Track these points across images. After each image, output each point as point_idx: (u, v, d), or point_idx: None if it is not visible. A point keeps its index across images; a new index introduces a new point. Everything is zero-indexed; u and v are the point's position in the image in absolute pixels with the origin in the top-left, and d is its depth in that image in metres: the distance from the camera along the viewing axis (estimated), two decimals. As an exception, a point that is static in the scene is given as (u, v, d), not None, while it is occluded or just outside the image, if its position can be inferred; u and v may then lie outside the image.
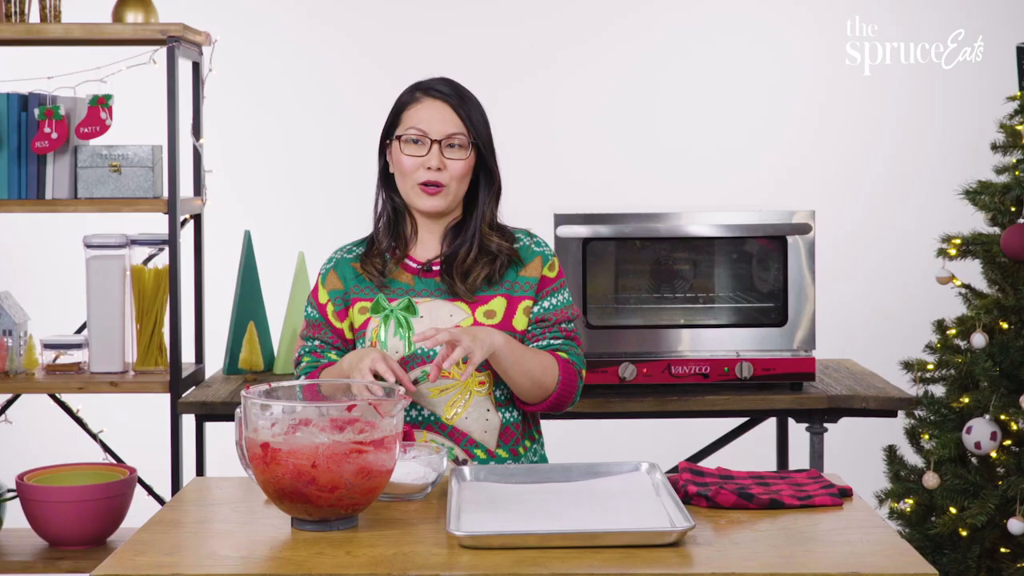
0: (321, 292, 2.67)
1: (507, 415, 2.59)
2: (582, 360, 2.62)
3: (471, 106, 2.60)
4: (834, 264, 4.62)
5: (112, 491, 3.54)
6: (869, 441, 4.05)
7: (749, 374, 3.51)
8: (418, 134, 2.56)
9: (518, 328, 2.59)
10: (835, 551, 1.98)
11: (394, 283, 2.61)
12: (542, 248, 2.65)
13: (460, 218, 2.65)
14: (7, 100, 3.64)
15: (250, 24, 4.89)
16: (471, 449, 2.55)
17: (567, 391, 2.57)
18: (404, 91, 2.64)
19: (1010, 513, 3.29)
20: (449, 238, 2.63)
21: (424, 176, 2.55)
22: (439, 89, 2.60)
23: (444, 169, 2.55)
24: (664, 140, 4.98)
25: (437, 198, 2.57)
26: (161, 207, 3.65)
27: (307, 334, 2.67)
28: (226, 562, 1.95)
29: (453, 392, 2.56)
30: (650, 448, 4.10)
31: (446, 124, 2.56)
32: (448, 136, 2.56)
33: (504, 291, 2.59)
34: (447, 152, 2.56)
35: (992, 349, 3.38)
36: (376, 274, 2.61)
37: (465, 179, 2.59)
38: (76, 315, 4.02)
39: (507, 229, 2.67)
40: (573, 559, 1.91)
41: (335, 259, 2.69)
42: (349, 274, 2.64)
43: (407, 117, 2.59)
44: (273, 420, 2.05)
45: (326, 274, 2.68)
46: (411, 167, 2.56)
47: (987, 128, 3.61)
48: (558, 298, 2.62)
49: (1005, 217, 3.45)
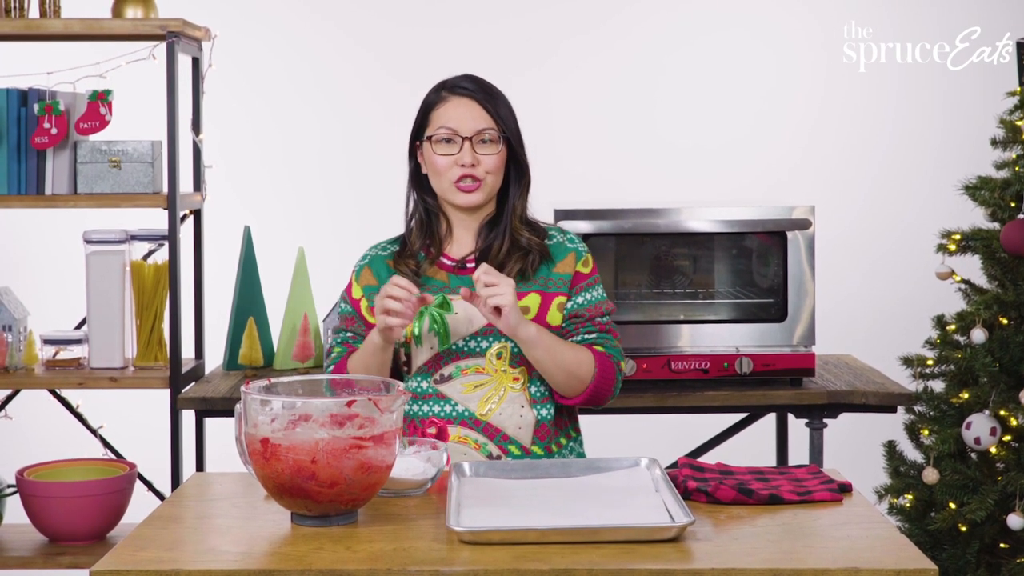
0: (355, 288, 2.68)
1: (542, 411, 2.59)
2: (620, 352, 2.63)
3: (498, 100, 2.62)
4: (834, 259, 4.61)
5: (112, 487, 3.55)
6: (869, 437, 4.04)
7: (749, 370, 3.51)
8: (448, 132, 2.58)
9: (552, 324, 2.60)
10: (835, 546, 1.98)
11: (429, 281, 2.63)
12: (575, 244, 2.66)
13: (493, 213, 2.66)
14: (6, 95, 3.64)
15: (250, 19, 4.88)
16: (505, 445, 2.56)
17: (604, 383, 2.57)
18: (430, 91, 2.66)
19: (1009, 509, 3.29)
20: (483, 234, 2.65)
21: (459, 173, 2.58)
22: (465, 86, 2.62)
23: (478, 164, 2.58)
24: (664, 135, 4.98)
25: (475, 194, 2.59)
26: (161, 203, 3.65)
27: (342, 327, 2.69)
28: (226, 557, 1.95)
29: (487, 388, 2.57)
30: (650, 443, 4.10)
31: (475, 120, 2.59)
32: (478, 132, 2.58)
33: (538, 287, 2.60)
34: (479, 148, 2.58)
35: (992, 345, 3.38)
36: (410, 274, 2.62)
37: (499, 172, 2.62)
38: (76, 311, 4.02)
39: (538, 225, 2.68)
40: (573, 554, 1.91)
41: (370, 256, 2.71)
42: (384, 271, 2.66)
43: (436, 117, 2.61)
44: (273, 416, 2.05)
45: (360, 270, 2.69)
46: (445, 166, 2.59)
47: (987, 124, 3.61)
48: (592, 293, 2.63)
49: (1005, 212, 3.45)
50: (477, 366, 2.56)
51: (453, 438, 2.54)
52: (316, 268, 3.97)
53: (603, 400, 2.61)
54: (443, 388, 2.58)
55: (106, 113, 3.66)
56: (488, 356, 2.57)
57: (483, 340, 2.57)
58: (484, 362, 2.57)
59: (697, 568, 1.87)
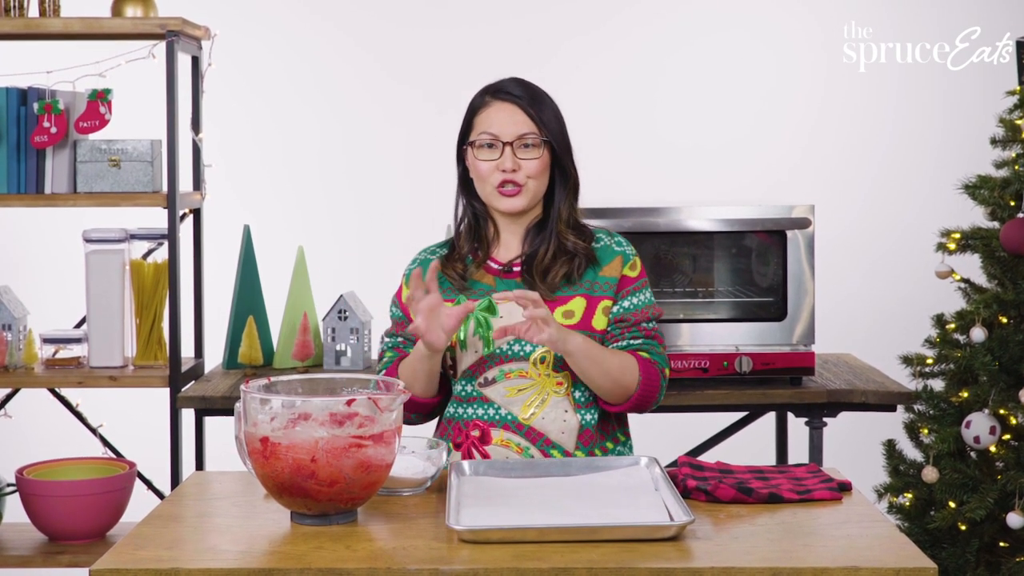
0: (404, 291, 2.67)
1: (586, 416, 2.58)
2: (665, 359, 2.61)
3: (541, 104, 2.62)
4: (833, 258, 4.61)
5: (112, 485, 3.55)
6: (868, 435, 4.05)
7: (748, 368, 3.51)
8: (490, 138, 2.58)
9: (597, 328, 2.58)
10: (834, 545, 1.98)
11: (476, 284, 2.62)
12: (623, 248, 2.65)
13: (540, 217, 2.66)
14: (6, 94, 3.64)
15: (249, 19, 4.88)
16: (547, 450, 2.54)
17: (649, 390, 2.56)
18: (475, 96, 2.67)
19: (1009, 507, 3.29)
20: (530, 238, 2.64)
21: (500, 178, 2.57)
22: (507, 91, 2.63)
23: (519, 170, 2.57)
24: (664, 136, 4.98)
25: (516, 198, 2.59)
26: (160, 201, 3.65)
27: (391, 331, 2.70)
28: (225, 556, 1.95)
29: (530, 392, 2.56)
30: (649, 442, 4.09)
31: (516, 125, 2.58)
32: (520, 137, 2.58)
33: (584, 291, 2.59)
34: (520, 152, 2.58)
35: (991, 343, 3.38)
36: (457, 278, 2.62)
37: (542, 177, 2.60)
38: (75, 309, 4.02)
39: (587, 228, 2.67)
40: (572, 553, 1.91)
41: (419, 259, 2.71)
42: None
43: (479, 122, 2.62)
44: (272, 414, 2.05)
45: (410, 273, 2.67)
46: (487, 171, 2.59)
47: (987, 123, 3.61)
48: (639, 298, 2.62)
49: (1004, 211, 3.45)
50: (520, 370, 2.55)
51: (496, 441, 2.53)
52: (315, 267, 3.97)
53: (648, 406, 2.59)
54: (487, 391, 2.57)
55: (106, 112, 3.66)
56: (532, 360, 2.56)
57: (527, 344, 2.56)
58: (527, 366, 2.56)
59: (697, 567, 1.87)
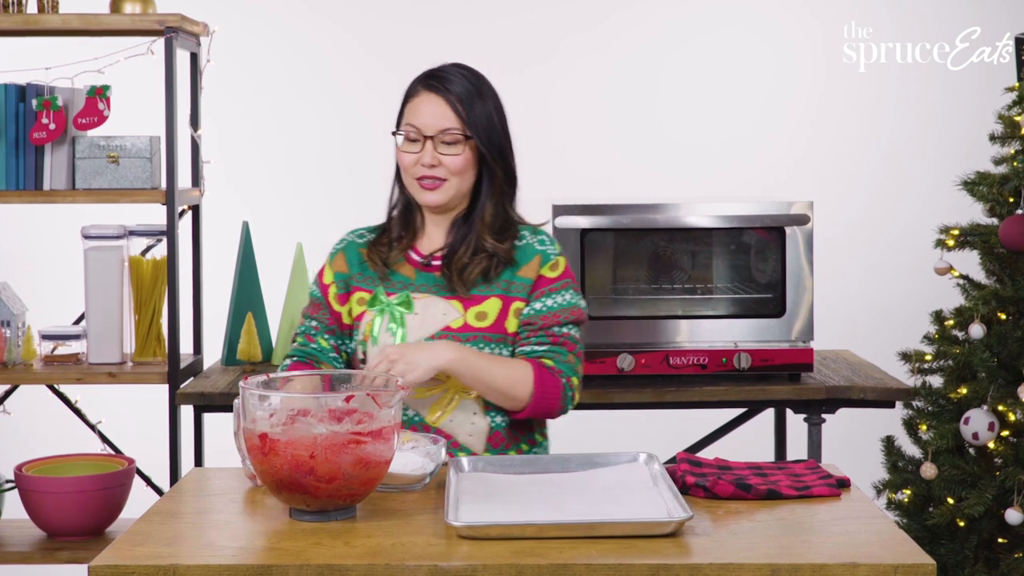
0: (327, 272, 2.66)
1: (496, 419, 2.56)
2: (572, 367, 2.54)
3: (471, 99, 2.55)
4: (832, 255, 4.62)
5: (110, 482, 3.54)
6: (867, 432, 4.05)
7: (747, 365, 3.51)
8: (413, 131, 2.55)
9: (510, 331, 2.55)
10: (833, 541, 1.98)
11: (395, 275, 2.60)
12: (544, 247, 2.60)
13: (466, 211, 2.62)
14: (5, 91, 3.64)
15: (248, 15, 4.88)
16: (455, 452, 2.52)
17: (545, 401, 2.51)
18: (414, 79, 2.62)
19: (1007, 503, 3.29)
20: (453, 232, 2.61)
21: (420, 172, 2.54)
22: (437, 83, 2.55)
23: (439, 165, 2.53)
24: (663, 132, 4.98)
25: (435, 193, 2.55)
26: (159, 198, 3.65)
27: (308, 312, 2.67)
28: (224, 552, 1.95)
29: (438, 394, 2.53)
30: (648, 439, 4.10)
31: (439, 119, 2.53)
32: (441, 132, 2.53)
33: (500, 292, 2.55)
34: (441, 148, 2.53)
35: (990, 340, 3.38)
36: (380, 263, 2.59)
37: (465, 173, 2.56)
38: (74, 306, 4.02)
39: (512, 227, 2.61)
40: (571, 549, 1.91)
41: (347, 241, 2.68)
42: (355, 259, 2.64)
43: (407, 111, 2.58)
44: (271, 411, 2.05)
45: (334, 255, 2.67)
46: (409, 163, 2.56)
47: (986, 123, 3.61)
48: (553, 300, 2.56)
49: (1003, 208, 3.45)
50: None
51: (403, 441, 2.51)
52: (314, 263, 3.96)
53: (550, 415, 2.55)
54: None
55: (104, 108, 3.65)
56: None
57: None
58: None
59: (695, 563, 1.87)
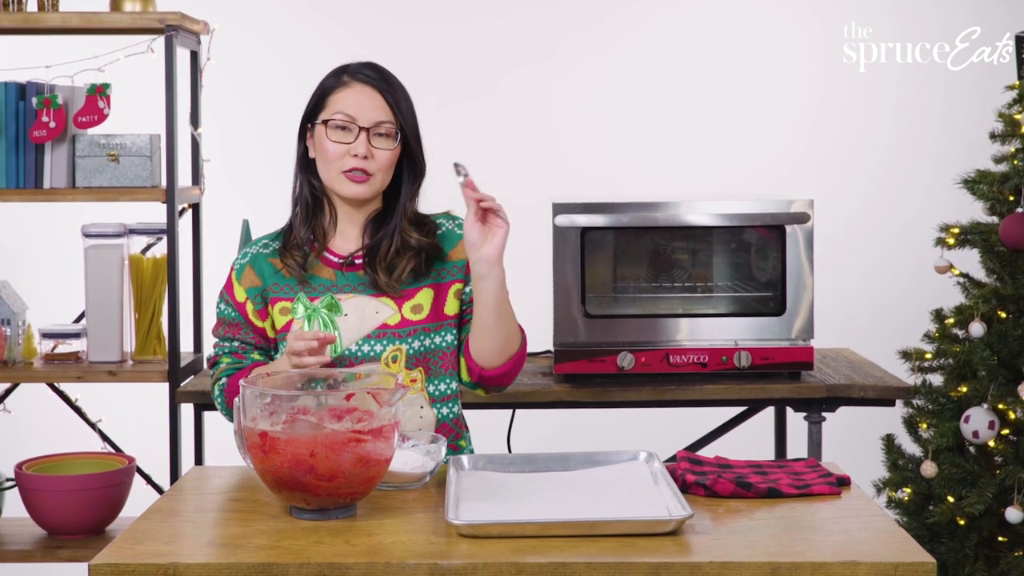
0: (238, 290, 2.56)
1: (443, 411, 2.54)
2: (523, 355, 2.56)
3: (399, 94, 2.52)
4: (832, 253, 4.61)
5: (111, 480, 3.55)
6: (867, 430, 4.05)
7: (747, 363, 3.51)
8: (345, 120, 2.48)
9: (450, 314, 2.53)
10: (833, 540, 1.98)
11: (315, 279, 2.52)
12: (457, 225, 2.58)
13: (380, 209, 2.56)
14: (5, 89, 3.64)
15: (248, 13, 4.88)
16: None
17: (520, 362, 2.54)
18: (329, 75, 2.56)
19: (1008, 502, 3.29)
20: (370, 230, 2.55)
21: (350, 164, 2.47)
22: (368, 74, 2.51)
23: (371, 158, 2.48)
24: (663, 130, 4.98)
25: (363, 186, 2.48)
26: (159, 196, 3.65)
27: (224, 334, 2.57)
28: (224, 551, 1.95)
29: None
30: (648, 437, 4.10)
31: (375, 111, 2.48)
32: (376, 124, 2.48)
33: (430, 281, 2.52)
34: (375, 140, 2.48)
35: (990, 338, 3.39)
36: (297, 267, 2.51)
37: (391, 169, 2.51)
38: (74, 304, 4.02)
39: (427, 220, 2.58)
40: (571, 547, 1.91)
41: (251, 254, 2.58)
42: (267, 271, 2.55)
43: (334, 101, 2.51)
44: (271, 409, 2.05)
45: (241, 270, 2.56)
46: (336, 153, 2.48)
47: (986, 123, 3.61)
48: None
49: (1003, 206, 3.45)
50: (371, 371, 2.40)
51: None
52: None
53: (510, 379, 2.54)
54: None
55: (104, 107, 3.65)
56: (383, 360, 2.48)
57: (376, 344, 2.48)
58: (379, 367, 2.47)
59: (695, 561, 1.87)
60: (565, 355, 3.50)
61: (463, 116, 4.81)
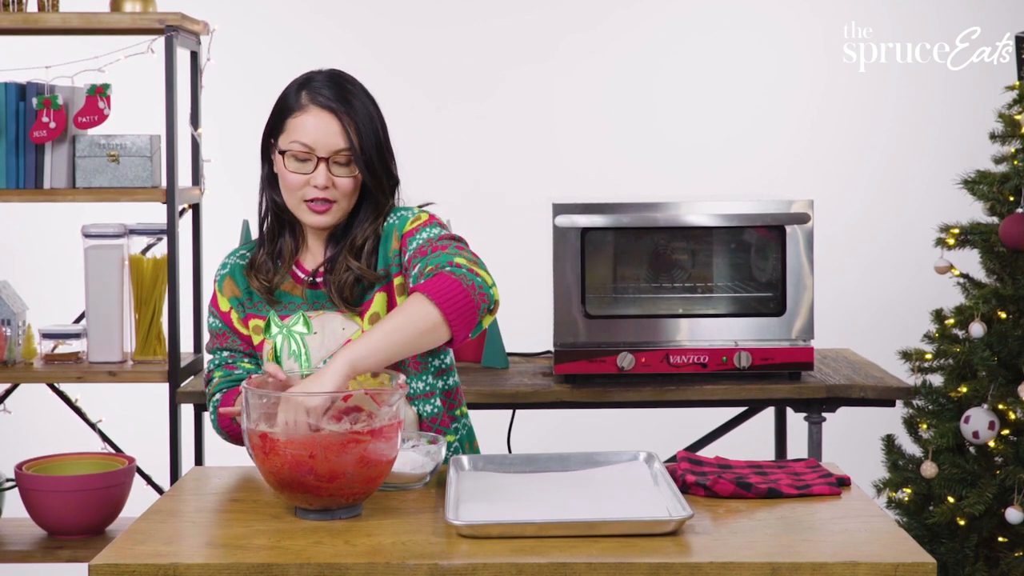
0: (221, 300, 2.54)
1: (425, 408, 2.51)
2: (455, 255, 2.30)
3: (360, 115, 2.45)
4: (832, 253, 4.61)
5: (111, 480, 3.55)
6: (867, 430, 4.05)
7: (747, 364, 3.51)
8: (303, 150, 2.42)
9: None
10: (833, 540, 1.98)
11: (285, 297, 2.50)
12: (397, 215, 2.48)
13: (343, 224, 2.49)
14: (5, 90, 3.64)
15: (248, 14, 4.88)
16: None
17: (456, 304, 2.22)
18: (291, 86, 2.51)
19: (1008, 502, 3.29)
20: (330, 247, 2.50)
21: (312, 193, 2.42)
22: (326, 95, 2.47)
23: (332, 187, 2.42)
24: (663, 131, 4.98)
25: (325, 216, 2.43)
26: (159, 196, 3.65)
27: (214, 346, 2.55)
28: (225, 551, 1.95)
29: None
30: (648, 437, 4.10)
31: (333, 138, 2.41)
32: (335, 152, 2.41)
33: (381, 285, 2.45)
34: (335, 169, 2.42)
35: (990, 339, 3.39)
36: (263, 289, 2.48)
37: (354, 194, 2.45)
38: (74, 305, 4.02)
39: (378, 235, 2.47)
40: (571, 548, 1.91)
41: (229, 264, 2.57)
42: (243, 283, 2.54)
43: (292, 127, 2.45)
44: (271, 411, 2.05)
45: (222, 280, 2.55)
46: (296, 184, 2.42)
47: (986, 123, 3.61)
48: (421, 236, 2.41)
49: (1003, 207, 3.46)
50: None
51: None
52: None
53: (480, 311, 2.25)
54: None
55: (104, 107, 3.65)
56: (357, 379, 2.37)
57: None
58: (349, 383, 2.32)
59: (695, 562, 1.87)
60: (565, 355, 3.50)
61: (463, 116, 4.81)
